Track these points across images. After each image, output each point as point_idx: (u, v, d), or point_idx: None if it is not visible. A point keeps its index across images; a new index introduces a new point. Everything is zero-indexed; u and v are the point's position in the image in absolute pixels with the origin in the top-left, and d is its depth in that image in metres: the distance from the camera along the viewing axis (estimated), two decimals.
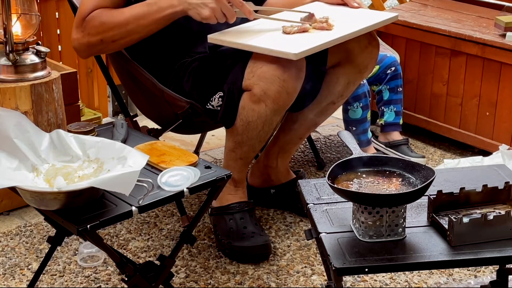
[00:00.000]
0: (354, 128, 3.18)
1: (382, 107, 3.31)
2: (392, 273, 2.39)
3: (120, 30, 2.31)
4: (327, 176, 1.75)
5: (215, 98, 2.39)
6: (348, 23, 2.42)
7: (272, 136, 2.72)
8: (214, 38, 2.33)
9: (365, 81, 3.19)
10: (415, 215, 1.83)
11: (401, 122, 3.31)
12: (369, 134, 3.25)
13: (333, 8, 2.60)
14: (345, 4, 2.60)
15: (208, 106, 2.41)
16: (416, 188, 1.70)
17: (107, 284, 2.36)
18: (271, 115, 2.34)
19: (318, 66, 2.56)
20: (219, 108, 2.39)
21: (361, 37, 2.50)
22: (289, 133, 2.70)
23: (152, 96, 2.51)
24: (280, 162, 2.73)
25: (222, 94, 2.37)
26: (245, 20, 2.42)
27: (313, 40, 2.26)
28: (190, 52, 2.51)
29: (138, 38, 2.35)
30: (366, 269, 1.64)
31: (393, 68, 3.25)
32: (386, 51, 3.42)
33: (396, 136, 3.31)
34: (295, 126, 2.68)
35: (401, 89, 3.29)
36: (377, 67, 3.25)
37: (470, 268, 2.42)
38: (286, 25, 2.36)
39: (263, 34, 2.35)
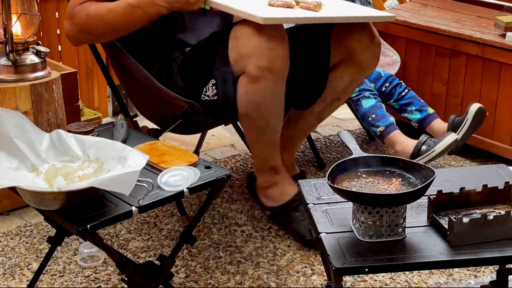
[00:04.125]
0: (373, 116, 3.11)
1: (402, 115, 3.28)
2: (392, 273, 2.39)
3: (105, 26, 2.35)
4: (327, 176, 1.75)
5: (209, 88, 2.38)
6: (338, 11, 2.42)
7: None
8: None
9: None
10: (415, 215, 1.83)
11: (430, 111, 3.23)
12: (392, 118, 3.14)
13: None
14: None
15: (203, 97, 2.40)
16: (416, 188, 1.70)
17: (107, 284, 2.36)
18: (274, 87, 2.32)
19: (321, 65, 2.57)
20: (215, 98, 2.38)
21: (363, 36, 2.51)
22: (294, 129, 2.71)
23: (151, 96, 2.51)
24: (286, 157, 2.72)
25: (214, 81, 2.37)
26: None
27: (290, 13, 2.27)
28: (180, 47, 2.51)
29: (126, 32, 2.39)
30: (366, 269, 1.64)
31: (387, 84, 3.24)
32: (387, 51, 3.42)
33: (439, 125, 3.20)
34: (301, 122, 2.69)
35: (407, 90, 3.25)
36: (372, 85, 3.25)
37: (470, 268, 2.42)
38: None
39: (248, 2, 2.34)
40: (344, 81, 2.62)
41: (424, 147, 3.03)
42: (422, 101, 3.26)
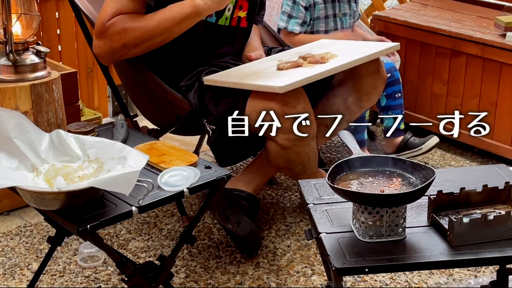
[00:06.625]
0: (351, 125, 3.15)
1: (381, 113, 3.29)
2: (392, 273, 2.39)
3: (141, 32, 2.28)
4: (327, 176, 1.75)
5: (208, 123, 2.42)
6: (344, 56, 2.44)
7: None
8: (209, 79, 2.38)
9: None
10: (415, 215, 1.83)
11: (402, 127, 3.27)
12: (365, 135, 3.23)
13: (337, 42, 2.66)
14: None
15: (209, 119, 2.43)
16: (416, 188, 1.71)
17: (107, 284, 2.36)
18: (306, 148, 2.36)
19: (323, 82, 2.54)
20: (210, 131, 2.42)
21: (371, 63, 2.51)
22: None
23: (154, 97, 2.51)
24: None
25: (214, 127, 2.40)
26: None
27: (302, 74, 2.28)
28: (194, 60, 2.50)
29: (160, 41, 2.31)
30: (366, 269, 1.64)
31: (389, 75, 3.23)
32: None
33: (398, 141, 3.28)
34: None
35: (400, 94, 3.26)
36: None
37: (470, 268, 2.42)
38: (280, 62, 2.41)
39: (257, 73, 2.37)
40: (337, 104, 2.59)
41: (412, 141, 3.23)
42: (403, 112, 3.29)
